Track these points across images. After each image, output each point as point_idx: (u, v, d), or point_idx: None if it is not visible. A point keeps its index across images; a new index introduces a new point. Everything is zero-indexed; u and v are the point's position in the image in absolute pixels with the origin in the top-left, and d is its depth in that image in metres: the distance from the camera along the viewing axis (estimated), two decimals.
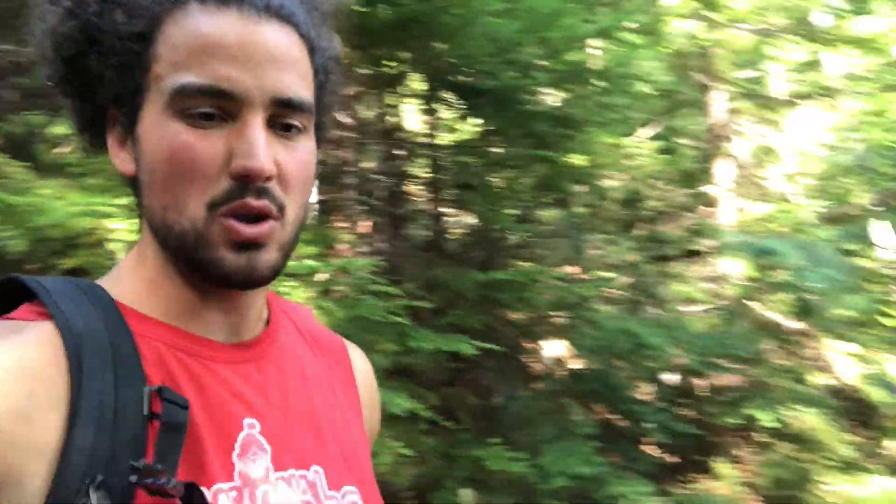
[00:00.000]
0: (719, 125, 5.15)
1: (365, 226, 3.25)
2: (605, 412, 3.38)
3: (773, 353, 3.76)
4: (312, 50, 0.62)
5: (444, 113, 3.49)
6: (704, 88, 5.20)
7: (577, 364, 3.27)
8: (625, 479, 2.90)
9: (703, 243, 4.10)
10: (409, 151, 3.56)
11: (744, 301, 3.68)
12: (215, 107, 0.56)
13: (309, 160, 0.61)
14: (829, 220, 3.71)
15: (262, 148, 0.56)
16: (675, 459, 3.66)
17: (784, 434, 3.29)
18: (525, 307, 3.07)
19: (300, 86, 0.59)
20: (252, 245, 0.57)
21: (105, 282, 0.62)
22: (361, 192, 3.25)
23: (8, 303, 0.59)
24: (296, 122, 0.59)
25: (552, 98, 3.13)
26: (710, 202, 4.84)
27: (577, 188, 3.84)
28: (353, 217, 3.15)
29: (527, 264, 3.33)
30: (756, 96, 5.17)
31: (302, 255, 2.33)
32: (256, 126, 0.56)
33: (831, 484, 3.19)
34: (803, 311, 3.20)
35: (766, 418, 3.10)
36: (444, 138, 3.67)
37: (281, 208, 0.58)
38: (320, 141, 0.65)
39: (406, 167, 3.59)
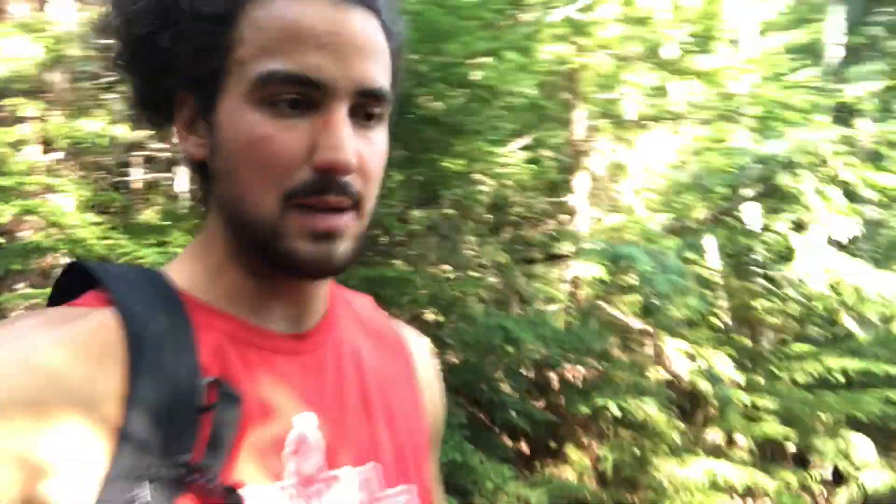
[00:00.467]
0: (580, 141, 5.58)
1: None
2: (473, 403, 3.60)
3: (620, 348, 4.18)
4: (389, 35, 0.60)
5: None
6: (569, 106, 5.62)
7: (452, 358, 3.46)
8: (488, 465, 3.13)
9: (563, 248, 4.45)
10: None
11: (596, 301, 4.06)
12: (301, 95, 0.55)
13: (385, 150, 0.60)
14: (671, 231, 4.18)
15: (349, 140, 0.55)
16: (531, 446, 3.97)
17: (626, 422, 3.68)
18: (408, 303, 3.20)
19: (383, 75, 0.58)
20: (329, 236, 0.56)
21: (169, 269, 0.62)
22: None
23: (73, 288, 0.58)
24: (377, 111, 0.58)
25: (438, 105, 3.29)
26: (569, 211, 5.25)
27: (453, 191, 4.04)
28: None
29: (398, 262, 3.47)
30: (612, 116, 5.65)
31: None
32: (342, 117, 0.55)
33: (663, 466, 3.63)
34: (647, 311, 3.60)
35: (613, 408, 3.46)
36: None
37: (358, 201, 0.58)
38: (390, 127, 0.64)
39: None
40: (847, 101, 4.42)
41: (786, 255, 3.94)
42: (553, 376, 4.01)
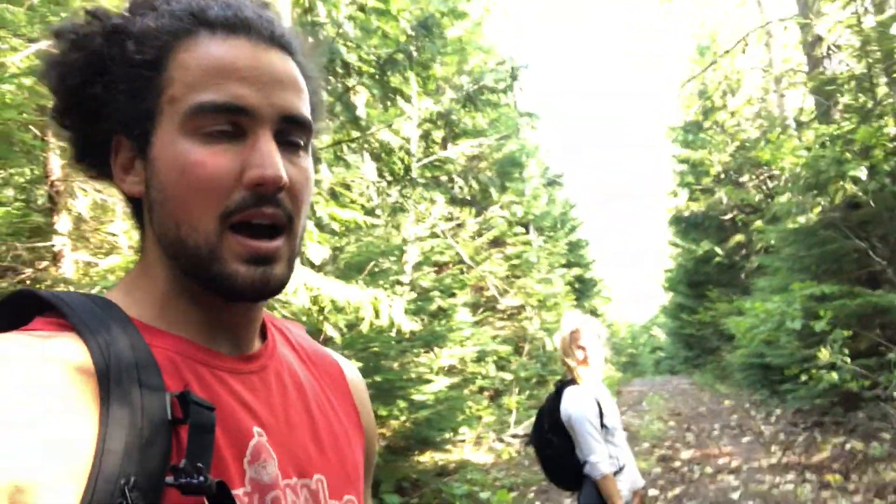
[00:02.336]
0: (58, 180, 5.20)
1: None
2: None
3: None
4: (305, 77, 0.66)
5: None
6: (41, 141, 5.17)
7: None
8: None
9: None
10: None
11: None
12: (230, 123, 0.59)
13: (310, 176, 0.63)
14: None
15: (276, 158, 0.59)
16: None
17: None
18: None
19: (302, 105, 0.63)
20: (265, 259, 0.60)
21: (112, 296, 0.62)
22: None
23: (16, 316, 0.57)
24: (299, 139, 0.63)
25: None
26: (55, 256, 4.84)
27: None
28: None
29: None
30: None
31: None
32: (269, 139, 0.60)
33: None
34: None
35: None
36: None
37: (290, 219, 0.61)
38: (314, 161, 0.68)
39: None
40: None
41: None
42: None
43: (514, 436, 8.87)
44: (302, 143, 0.64)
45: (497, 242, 14.04)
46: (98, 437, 0.51)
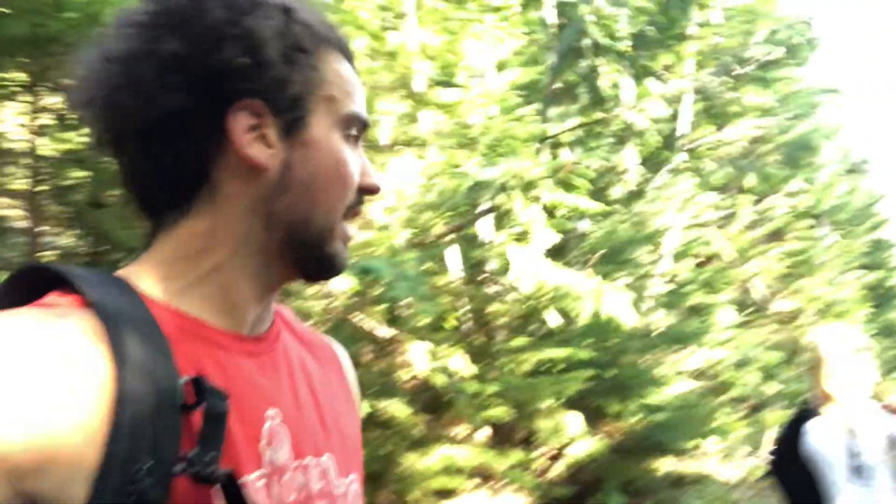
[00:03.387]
0: None
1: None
2: None
3: (370, 355, 4.54)
4: None
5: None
6: None
7: None
8: None
9: None
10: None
11: (349, 314, 4.37)
12: (359, 133, 0.69)
13: None
14: (414, 246, 4.64)
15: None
16: None
17: (374, 422, 4.02)
18: None
19: None
20: (349, 242, 0.69)
21: (128, 273, 0.62)
22: None
23: (30, 290, 0.58)
24: None
25: None
26: None
27: None
28: None
29: None
30: (367, 140, 6.05)
31: None
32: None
33: (406, 458, 4.03)
34: (392, 318, 3.99)
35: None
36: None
37: None
38: None
39: None
40: (554, 134, 5.29)
41: (507, 265, 4.61)
42: None
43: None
44: None
45: (776, 236, 12.51)
46: (112, 419, 0.51)
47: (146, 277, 0.62)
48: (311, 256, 0.66)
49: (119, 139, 0.64)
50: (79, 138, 3.36)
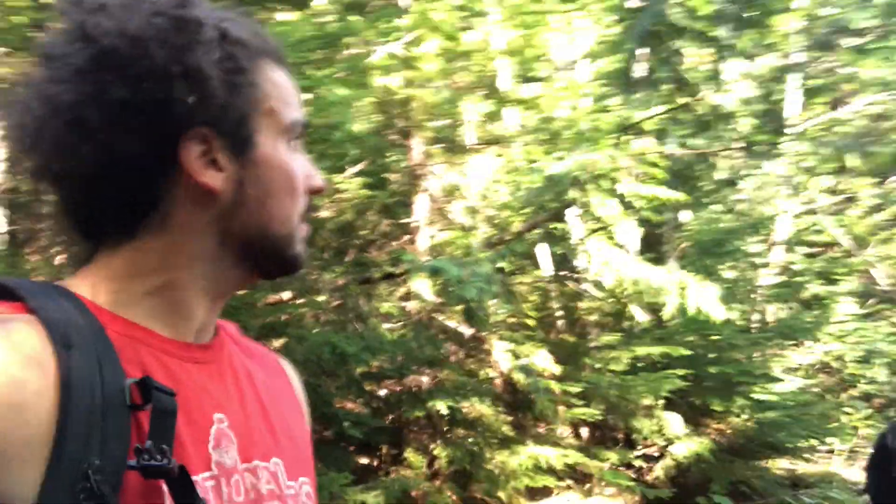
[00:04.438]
0: (417, 165, 5.98)
1: (62, 258, 3.22)
2: (313, 420, 3.80)
3: (455, 355, 4.54)
4: None
5: None
6: (406, 133, 6.00)
7: None
8: (327, 476, 3.32)
9: (401, 267, 4.77)
10: None
11: (430, 314, 4.40)
12: (299, 138, 0.71)
13: None
14: (492, 244, 4.61)
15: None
16: (376, 456, 4.20)
17: (460, 421, 4.02)
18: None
19: None
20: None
21: (69, 284, 0.63)
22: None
23: None
24: None
25: None
26: (410, 231, 5.60)
27: None
28: (48, 248, 3.11)
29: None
30: (446, 141, 6.09)
31: None
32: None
33: (494, 457, 3.99)
34: (468, 317, 3.98)
35: (443, 408, 3.78)
36: None
37: None
38: None
39: None
40: (636, 122, 5.09)
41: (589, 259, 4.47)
42: (396, 388, 4.29)
43: None
44: None
45: None
46: (57, 419, 0.52)
47: (91, 289, 0.63)
48: (271, 261, 0.69)
49: (62, 178, 0.64)
50: None
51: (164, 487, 0.56)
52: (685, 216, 6.53)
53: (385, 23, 4.35)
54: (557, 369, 4.41)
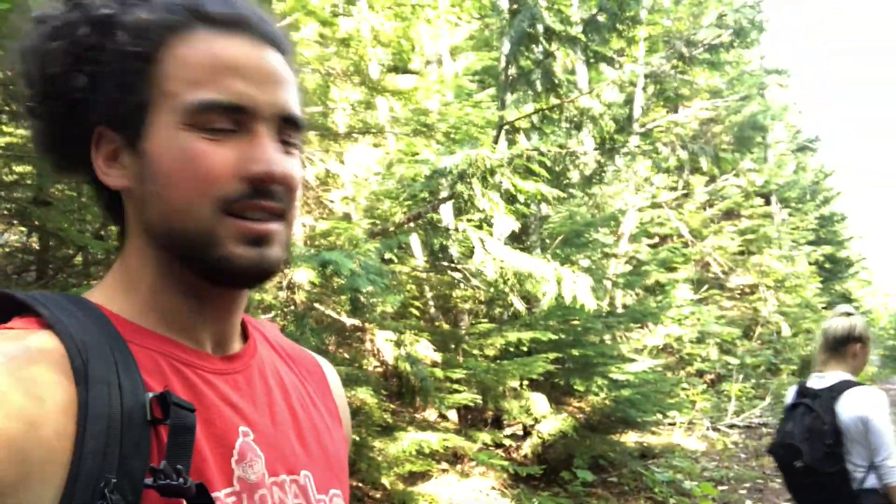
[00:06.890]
0: None
1: None
2: None
3: (338, 345, 4.52)
4: (294, 75, 0.66)
5: None
6: None
7: None
8: None
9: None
10: None
11: (311, 305, 4.34)
12: (232, 121, 0.60)
13: (300, 174, 0.64)
14: (375, 234, 4.62)
15: (277, 154, 0.61)
16: None
17: None
18: None
19: (297, 105, 0.64)
20: (262, 241, 0.60)
21: (91, 296, 0.62)
22: None
23: None
24: (294, 140, 0.64)
25: None
26: None
27: None
28: None
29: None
30: (322, 128, 6.00)
31: None
32: (270, 137, 0.61)
33: (376, 446, 4.03)
34: (354, 309, 3.98)
35: None
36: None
37: (285, 211, 0.62)
38: None
39: None
40: (511, 120, 5.32)
41: (469, 251, 4.63)
42: None
43: (732, 426, 8.15)
44: (295, 143, 0.64)
45: (730, 214, 12.84)
46: (76, 436, 0.51)
47: (108, 298, 0.62)
48: (196, 263, 0.61)
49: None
50: (20, 132, 3.25)
51: None
52: (547, 209, 6.93)
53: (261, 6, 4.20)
54: (438, 357, 4.52)
